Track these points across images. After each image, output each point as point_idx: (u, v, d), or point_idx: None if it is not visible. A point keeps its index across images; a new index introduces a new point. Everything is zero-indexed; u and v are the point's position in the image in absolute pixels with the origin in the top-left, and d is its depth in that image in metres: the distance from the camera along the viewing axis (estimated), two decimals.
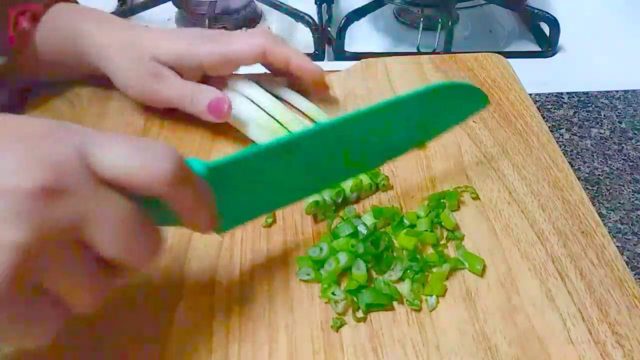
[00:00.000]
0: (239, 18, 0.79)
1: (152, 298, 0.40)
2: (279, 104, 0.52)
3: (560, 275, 0.41)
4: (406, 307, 0.39)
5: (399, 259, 0.41)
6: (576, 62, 0.73)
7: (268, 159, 0.38)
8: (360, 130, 0.41)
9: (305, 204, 0.45)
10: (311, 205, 0.45)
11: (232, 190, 0.36)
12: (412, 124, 0.45)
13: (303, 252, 0.43)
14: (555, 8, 0.80)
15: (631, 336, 0.37)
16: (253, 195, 0.38)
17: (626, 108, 0.62)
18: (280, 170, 0.38)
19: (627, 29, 0.78)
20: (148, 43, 0.51)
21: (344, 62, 0.69)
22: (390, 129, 0.43)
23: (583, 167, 0.55)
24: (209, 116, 0.50)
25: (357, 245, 0.41)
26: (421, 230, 0.43)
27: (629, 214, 0.50)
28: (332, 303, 0.39)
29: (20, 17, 0.52)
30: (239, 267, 0.42)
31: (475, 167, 0.49)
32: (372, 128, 0.42)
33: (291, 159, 0.38)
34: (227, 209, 0.36)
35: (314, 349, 0.37)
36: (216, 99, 0.50)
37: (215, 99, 0.50)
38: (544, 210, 0.46)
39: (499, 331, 0.38)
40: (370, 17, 0.79)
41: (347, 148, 0.41)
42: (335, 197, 0.45)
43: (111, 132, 0.30)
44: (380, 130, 0.43)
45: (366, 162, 0.44)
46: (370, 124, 0.42)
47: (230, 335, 0.38)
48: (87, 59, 0.54)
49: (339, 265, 0.40)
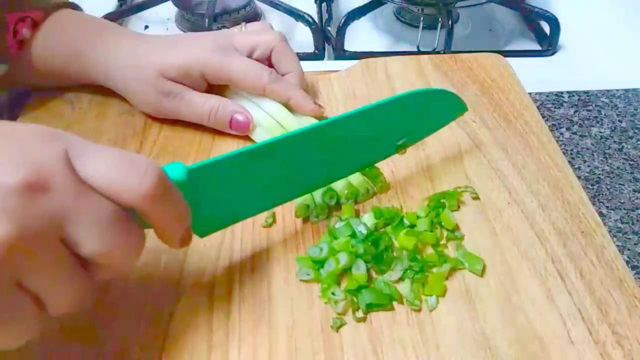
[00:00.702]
0: (239, 17, 0.79)
1: (152, 298, 0.40)
2: (282, 108, 0.52)
3: (560, 275, 0.41)
4: (406, 307, 0.39)
5: (399, 259, 0.41)
6: (576, 61, 0.73)
7: (248, 161, 0.38)
8: (339, 136, 0.42)
9: (295, 207, 0.45)
10: (301, 208, 0.44)
11: (213, 193, 0.37)
12: (390, 129, 0.45)
13: (303, 252, 0.43)
14: (556, 7, 0.80)
15: (631, 336, 0.38)
16: (234, 198, 0.39)
17: (626, 107, 0.62)
18: (260, 173, 0.39)
19: (627, 28, 0.78)
20: (152, 60, 0.51)
21: (344, 62, 0.69)
22: (369, 133, 0.44)
23: (583, 166, 0.55)
24: (231, 131, 0.51)
25: (357, 245, 0.41)
26: (421, 230, 0.43)
27: (629, 213, 0.50)
28: (332, 303, 0.39)
29: (20, 24, 0.52)
30: (239, 267, 0.42)
31: (475, 167, 0.49)
32: (351, 133, 0.43)
33: (271, 163, 0.39)
34: (208, 211, 0.37)
35: (314, 349, 0.37)
36: (238, 115, 0.51)
37: (237, 116, 0.51)
38: (544, 210, 0.46)
39: (499, 331, 0.38)
40: (370, 16, 0.79)
41: (325, 153, 0.42)
42: (328, 199, 0.45)
43: (99, 145, 0.31)
44: (359, 135, 0.43)
45: (345, 166, 0.44)
46: (348, 129, 0.42)
47: (230, 335, 0.38)
48: (93, 77, 0.54)
49: (339, 265, 0.40)
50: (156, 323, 0.38)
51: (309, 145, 0.41)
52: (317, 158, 0.42)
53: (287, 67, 0.53)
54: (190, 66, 0.50)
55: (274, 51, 0.53)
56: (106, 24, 0.55)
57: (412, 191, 0.47)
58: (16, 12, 0.52)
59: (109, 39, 0.53)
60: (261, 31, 0.55)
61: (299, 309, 0.39)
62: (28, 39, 0.52)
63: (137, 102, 0.53)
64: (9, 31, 0.51)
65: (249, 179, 0.39)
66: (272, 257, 0.42)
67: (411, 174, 0.49)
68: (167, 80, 0.51)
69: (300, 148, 0.41)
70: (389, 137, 0.46)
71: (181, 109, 0.52)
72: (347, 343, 0.37)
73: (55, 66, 0.54)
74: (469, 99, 0.56)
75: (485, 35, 0.80)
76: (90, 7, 0.59)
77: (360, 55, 0.69)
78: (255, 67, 0.51)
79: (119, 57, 0.52)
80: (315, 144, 0.41)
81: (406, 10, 0.81)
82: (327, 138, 0.42)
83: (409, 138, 0.47)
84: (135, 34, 0.55)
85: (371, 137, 0.44)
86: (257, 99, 0.52)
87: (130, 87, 0.53)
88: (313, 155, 0.41)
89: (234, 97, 0.53)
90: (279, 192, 0.42)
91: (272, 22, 0.80)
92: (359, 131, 0.43)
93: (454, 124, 0.54)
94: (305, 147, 0.41)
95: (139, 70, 0.51)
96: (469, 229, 0.44)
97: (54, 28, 0.53)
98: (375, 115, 0.43)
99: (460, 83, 0.58)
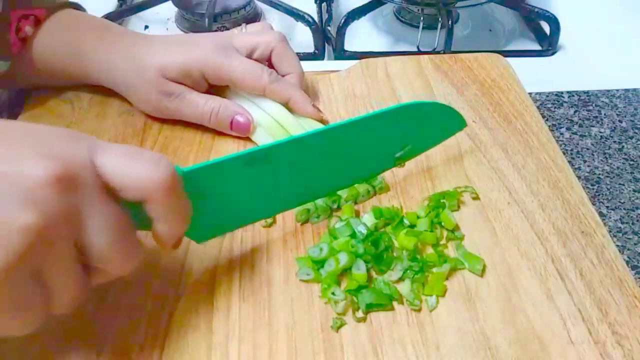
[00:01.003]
0: (239, 17, 0.79)
1: (152, 297, 0.40)
2: (283, 108, 0.52)
3: (560, 275, 0.41)
4: (406, 307, 0.39)
5: (399, 259, 0.41)
6: (576, 61, 0.73)
7: (243, 166, 0.39)
8: (337, 143, 0.42)
9: (295, 213, 0.45)
10: (301, 213, 0.44)
11: (209, 197, 0.37)
12: (389, 139, 0.45)
13: (303, 252, 0.43)
14: (556, 7, 0.80)
15: (631, 336, 0.37)
16: (229, 204, 0.39)
17: (626, 107, 0.62)
18: (256, 179, 0.39)
19: (627, 28, 0.78)
20: (153, 61, 0.51)
21: (344, 62, 0.69)
22: (368, 142, 0.44)
23: (583, 166, 0.55)
24: (231, 132, 0.51)
25: (357, 245, 0.41)
26: (421, 230, 0.43)
27: (629, 213, 0.50)
28: (332, 303, 0.39)
29: (23, 21, 0.52)
30: (239, 267, 0.42)
31: (475, 167, 0.49)
32: (349, 140, 0.43)
33: (266, 169, 0.39)
34: (204, 216, 0.37)
35: (314, 349, 0.37)
36: (239, 116, 0.51)
37: (237, 117, 0.51)
38: (544, 210, 0.46)
39: (499, 331, 0.38)
40: (370, 16, 0.79)
41: (322, 161, 0.42)
42: (330, 202, 0.45)
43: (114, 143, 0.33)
44: (357, 144, 0.43)
45: (344, 177, 0.44)
46: (347, 136, 0.42)
47: (230, 334, 0.38)
48: (94, 77, 0.54)
49: (339, 265, 0.40)
50: (156, 323, 0.38)
51: (304, 152, 0.41)
52: (312, 167, 0.42)
53: (288, 68, 0.54)
54: (191, 66, 0.50)
55: (274, 51, 0.53)
56: (107, 24, 0.55)
57: (412, 191, 0.47)
58: (20, 10, 0.52)
59: (110, 38, 0.53)
60: (261, 32, 0.55)
61: (299, 309, 0.39)
62: (30, 36, 0.52)
63: (138, 102, 0.53)
64: (11, 28, 0.51)
65: (245, 185, 0.39)
66: (272, 257, 0.42)
67: (411, 173, 0.49)
68: (169, 81, 0.51)
69: (296, 155, 0.41)
70: (387, 147, 0.46)
71: (182, 109, 0.52)
72: (347, 343, 0.37)
73: (56, 65, 0.54)
74: (469, 99, 0.56)
75: (485, 35, 0.80)
76: (90, 7, 0.59)
77: (360, 55, 0.69)
78: (255, 68, 0.51)
79: (119, 57, 0.52)
80: (310, 152, 0.41)
81: (406, 10, 0.81)
82: (323, 145, 0.42)
83: (407, 151, 0.47)
84: (136, 33, 0.55)
85: (370, 146, 0.44)
86: (257, 99, 0.52)
87: (132, 87, 0.53)
88: (308, 164, 0.42)
89: (234, 97, 0.53)
90: (276, 200, 0.42)
91: (272, 22, 0.80)
92: (357, 139, 0.43)
93: None
94: (300, 154, 0.41)
95: (140, 70, 0.51)
96: (469, 229, 0.44)
97: (56, 27, 0.53)
98: (374, 124, 0.43)
99: (460, 83, 0.58)
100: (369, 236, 0.41)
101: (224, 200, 0.39)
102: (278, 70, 0.53)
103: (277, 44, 0.53)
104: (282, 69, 0.54)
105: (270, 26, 0.56)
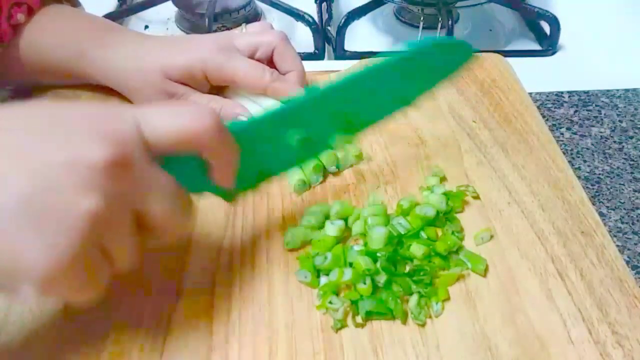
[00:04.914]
0: (239, 17, 0.79)
1: (152, 298, 0.40)
2: None
3: (560, 275, 0.41)
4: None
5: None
6: (576, 61, 0.73)
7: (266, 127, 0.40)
8: (353, 94, 0.43)
9: (292, 184, 0.46)
10: (298, 184, 0.46)
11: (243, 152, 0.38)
12: (401, 84, 0.45)
13: (303, 252, 0.43)
14: (556, 7, 0.80)
15: (631, 336, 0.37)
16: (254, 162, 0.40)
17: (627, 107, 0.62)
18: (280, 136, 0.40)
19: (627, 28, 0.78)
20: (156, 61, 0.51)
21: (344, 61, 0.69)
22: (381, 89, 0.44)
23: (583, 166, 0.55)
24: None
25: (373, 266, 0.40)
26: (433, 240, 0.42)
27: (629, 213, 0.50)
28: (331, 312, 0.38)
29: (16, 8, 0.51)
30: (239, 266, 0.42)
31: (475, 167, 0.49)
32: (364, 90, 0.43)
33: (289, 126, 0.41)
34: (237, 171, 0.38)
35: (314, 349, 0.37)
36: (241, 116, 0.51)
37: (240, 117, 0.51)
38: (544, 210, 0.46)
39: (499, 331, 0.38)
40: (370, 16, 0.79)
41: (341, 112, 0.43)
42: (318, 171, 0.47)
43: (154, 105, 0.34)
44: (371, 92, 0.44)
45: (360, 123, 0.45)
46: (361, 87, 0.43)
47: (230, 335, 0.38)
48: (94, 76, 0.54)
49: (342, 279, 0.39)
50: (156, 323, 0.38)
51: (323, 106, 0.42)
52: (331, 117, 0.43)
53: (289, 66, 0.54)
54: (193, 67, 0.51)
55: (276, 51, 0.53)
56: (107, 24, 0.55)
57: (412, 191, 0.47)
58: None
59: (111, 38, 0.53)
60: (262, 32, 0.55)
61: (299, 309, 0.39)
62: (22, 23, 0.52)
63: (140, 102, 0.53)
64: (2, 14, 0.51)
65: (276, 140, 0.40)
66: (272, 257, 0.42)
67: (411, 174, 0.49)
68: (172, 82, 0.51)
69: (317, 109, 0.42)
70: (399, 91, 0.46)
71: None
72: (347, 343, 0.37)
73: (44, 58, 0.53)
74: (469, 98, 0.56)
75: (486, 35, 0.80)
76: (90, 7, 0.59)
77: (361, 55, 0.69)
78: (256, 67, 0.51)
79: (121, 57, 0.52)
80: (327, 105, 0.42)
81: (406, 10, 0.81)
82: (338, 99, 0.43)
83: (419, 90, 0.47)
84: (137, 33, 0.55)
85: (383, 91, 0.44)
86: (258, 98, 0.52)
87: (134, 88, 0.53)
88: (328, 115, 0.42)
89: (235, 96, 0.53)
90: (296, 154, 0.42)
91: (272, 22, 0.80)
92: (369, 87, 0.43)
93: (453, 123, 0.54)
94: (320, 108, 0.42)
95: (142, 71, 0.51)
96: (469, 229, 0.44)
97: (48, 20, 0.53)
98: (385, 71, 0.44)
99: (460, 83, 0.58)
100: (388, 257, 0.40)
101: (255, 155, 0.39)
102: (280, 68, 0.53)
103: (279, 42, 0.53)
104: (284, 67, 0.54)
105: (270, 26, 0.56)
